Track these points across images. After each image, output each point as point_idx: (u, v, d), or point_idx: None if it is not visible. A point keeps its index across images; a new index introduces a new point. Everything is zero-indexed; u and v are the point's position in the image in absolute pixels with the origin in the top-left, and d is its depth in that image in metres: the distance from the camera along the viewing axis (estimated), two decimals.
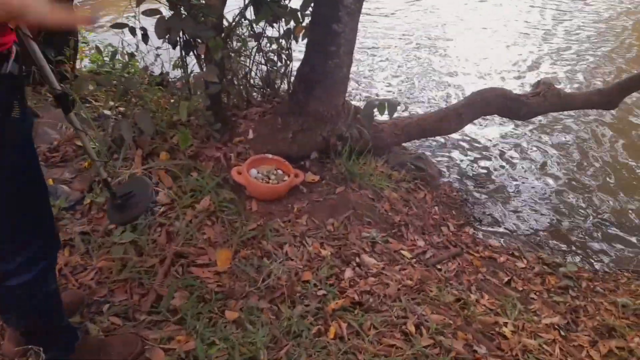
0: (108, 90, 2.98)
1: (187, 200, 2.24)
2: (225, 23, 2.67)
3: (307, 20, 2.94)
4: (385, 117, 2.60)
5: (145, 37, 2.40)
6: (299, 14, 2.87)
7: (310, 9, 2.85)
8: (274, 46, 3.04)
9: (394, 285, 1.99)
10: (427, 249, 2.42)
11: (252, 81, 3.16)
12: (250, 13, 2.79)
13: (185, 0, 2.04)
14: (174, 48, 2.50)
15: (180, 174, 2.37)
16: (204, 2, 2.33)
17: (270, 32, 3.06)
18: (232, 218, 2.24)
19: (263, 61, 3.05)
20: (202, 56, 2.51)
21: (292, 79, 3.08)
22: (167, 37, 2.28)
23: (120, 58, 3.20)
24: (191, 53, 2.65)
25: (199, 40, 2.43)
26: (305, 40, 2.84)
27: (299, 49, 3.09)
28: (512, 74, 5.58)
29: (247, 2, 2.63)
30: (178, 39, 2.40)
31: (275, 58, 3.08)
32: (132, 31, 2.34)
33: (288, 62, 3.09)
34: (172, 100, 2.96)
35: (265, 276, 1.89)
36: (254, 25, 2.95)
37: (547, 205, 3.34)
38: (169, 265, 1.86)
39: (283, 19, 2.95)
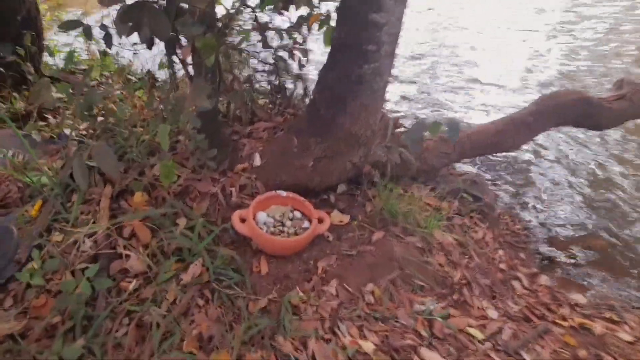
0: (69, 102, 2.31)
1: (169, 266, 1.59)
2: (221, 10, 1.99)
3: (326, 5, 2.25)
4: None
5: (108, 38, 1.72)
6: None
7: None
8: (285, 40, 2.35)
9: None
10: (502, 323, 1.75)
11: (257, 86, 2.47)
12: None
13: None
14: (149, 48, 1.82)
15: (162, 225, 1.72)
16: None
17: (279, 21, 2.37)
18: (234, 292, 1.58)
19: (271, 60, 2.36)
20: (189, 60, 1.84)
21: (309, 83, 2.40)
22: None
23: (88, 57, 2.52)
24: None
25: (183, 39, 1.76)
26: (322, 30, 2.15)
27: (315, 37, 2.39)
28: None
29: None
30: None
31: (287, 55, 2.39)
32: (88, 32, 1.65)
33: (303, 59, 2.40)
34: (152, 116, 2.29)
35: None
36: (258, 13, 2.26)
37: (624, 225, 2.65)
38: None
39: (294, 5, 2.26)
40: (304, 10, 2.25)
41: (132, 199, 1.84)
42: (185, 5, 1.52)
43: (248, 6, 2.15)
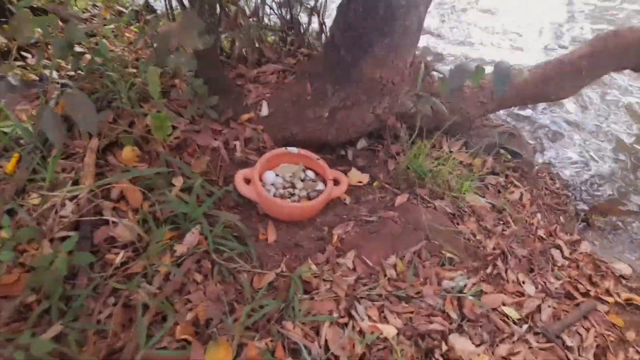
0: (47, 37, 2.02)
1: (162, 235, 1.38)
2: None
3: None
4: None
5: None
6: None
7: None
8: None
9: None
10: (540, 300, 1.55)
11: (265, 20, 2.14)
12: None
13: None
14: None
15: (155, 185, 1.50)
16: None
17: None
18: (236, 265, 1.38)
19: None
20: None
21: (327, 18, 2.07)
22: None
23: None
24: None
25: None
26: None
27: None
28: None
29: None
30: None
31: None
32: None
33: None
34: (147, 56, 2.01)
35: None
36: None
37: None
38: None
39: None
40: None
41: (121, 153, 1.61)
42: None
43: None
